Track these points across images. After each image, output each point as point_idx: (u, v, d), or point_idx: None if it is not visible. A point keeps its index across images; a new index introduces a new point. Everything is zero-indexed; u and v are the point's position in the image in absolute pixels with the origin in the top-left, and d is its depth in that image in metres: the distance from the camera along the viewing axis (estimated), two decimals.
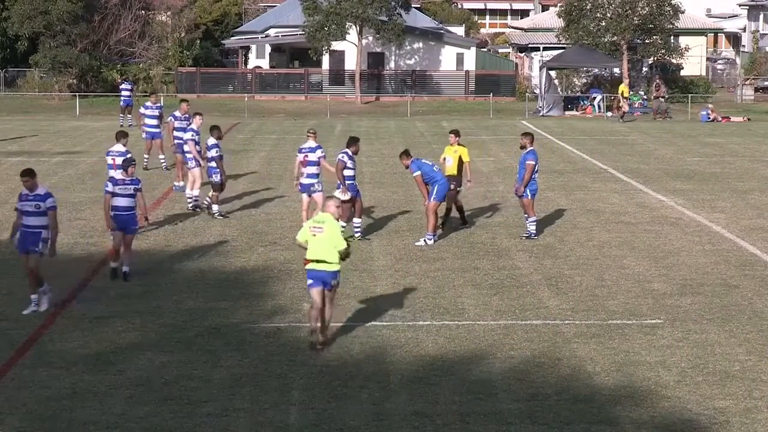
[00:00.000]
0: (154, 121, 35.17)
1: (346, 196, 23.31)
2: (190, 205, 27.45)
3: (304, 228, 16.52)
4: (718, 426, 13.35)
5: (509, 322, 17.82)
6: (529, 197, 24.17)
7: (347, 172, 23.61)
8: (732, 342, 16.79)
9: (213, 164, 26.32)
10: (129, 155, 23.10)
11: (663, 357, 15.99)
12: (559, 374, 15.20)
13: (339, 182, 23.56)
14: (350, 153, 23.73)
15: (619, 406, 13.98)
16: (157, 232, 25.00)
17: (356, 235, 24.03)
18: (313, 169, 24.38)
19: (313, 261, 16.06)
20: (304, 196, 24.55)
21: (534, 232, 24.50)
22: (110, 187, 20.48)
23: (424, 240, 23.82)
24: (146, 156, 35.03)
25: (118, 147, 24.88)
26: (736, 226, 26.20)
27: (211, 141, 26.41)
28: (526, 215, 24.59)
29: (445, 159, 25.31)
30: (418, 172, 23.82)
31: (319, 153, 24.44)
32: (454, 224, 25.86)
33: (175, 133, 30.50)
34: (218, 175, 26.29)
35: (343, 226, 23.97)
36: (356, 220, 24.08)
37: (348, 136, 25.69)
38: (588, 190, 32.03)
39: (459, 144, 25.36)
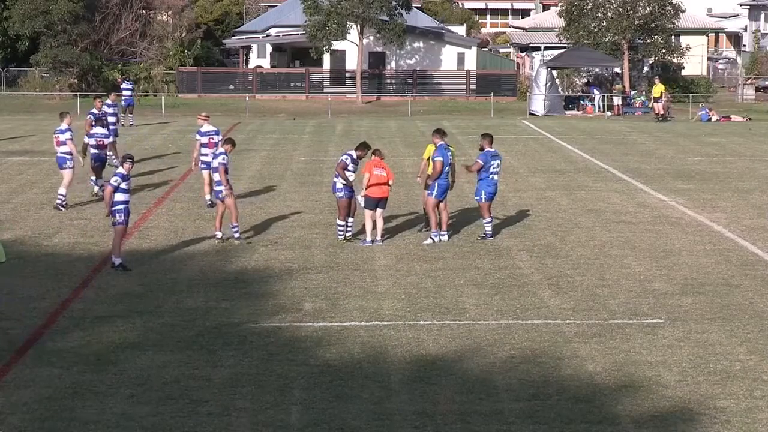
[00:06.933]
0: (113, 119, 36.51)
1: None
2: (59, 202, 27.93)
3: None
4: (719, 425, 13.34)
5: (510, 321, 17.81)
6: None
7: (348, 175, 23.55)
8: (733, 341, 16.78)
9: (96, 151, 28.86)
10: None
11: (664, 356, 15.98)
12: (560, 374, 15.19)
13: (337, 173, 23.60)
14: (354, 156, 23.70)
15: (620, 406, 13.98)
16: (157, 231, 25.02)
17: (345, 233, 23.84)
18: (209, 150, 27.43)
19: None
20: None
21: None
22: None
23: (431, 238, 23.75)
24: (110, 153, 34.78)
25: None
26: (737, 226, 26.18)
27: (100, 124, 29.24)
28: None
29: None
30: (440, 158, 23.52)
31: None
32: (454, 224, 25.84)
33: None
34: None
35: (341, 225, 24.06)
36: (349, 220, 23.96)
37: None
38: (589, 190, 32.01)
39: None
